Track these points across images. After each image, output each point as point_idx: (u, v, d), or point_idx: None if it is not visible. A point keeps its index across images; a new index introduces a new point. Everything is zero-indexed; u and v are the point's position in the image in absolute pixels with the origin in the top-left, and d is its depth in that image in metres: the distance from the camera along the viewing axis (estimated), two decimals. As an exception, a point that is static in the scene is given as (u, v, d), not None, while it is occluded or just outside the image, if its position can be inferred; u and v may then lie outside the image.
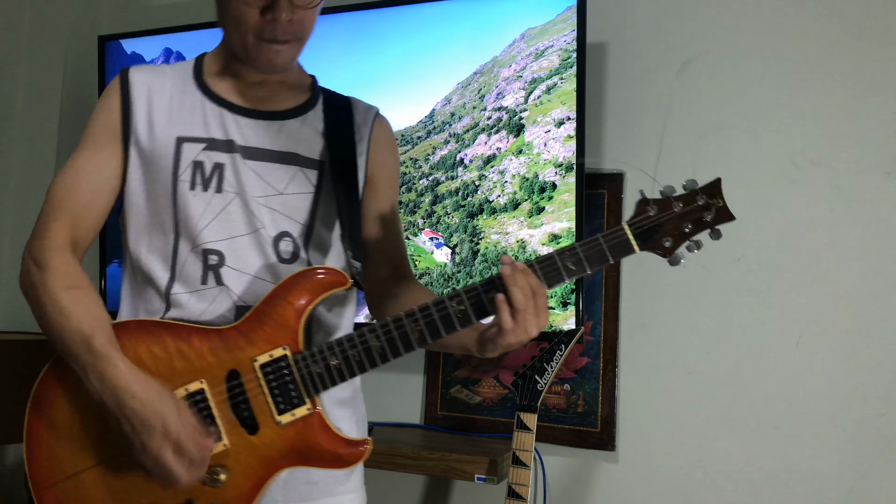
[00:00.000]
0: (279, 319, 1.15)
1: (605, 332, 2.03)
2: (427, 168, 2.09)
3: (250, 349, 1.14)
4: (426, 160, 2.10)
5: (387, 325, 1.14)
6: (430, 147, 2.10)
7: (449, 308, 1.13)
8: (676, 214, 1.13)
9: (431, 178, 2.08)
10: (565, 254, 1.12)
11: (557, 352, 1.76)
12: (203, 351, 1.15)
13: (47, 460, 1.14)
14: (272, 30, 1.17)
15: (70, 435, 1.15)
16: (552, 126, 1.96)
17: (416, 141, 2.11)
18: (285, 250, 1.25)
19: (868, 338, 1.83)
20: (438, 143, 2.09)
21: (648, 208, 1.13)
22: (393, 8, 2.13)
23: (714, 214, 1.13)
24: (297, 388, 1.13)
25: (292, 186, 1.26)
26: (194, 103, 1.27)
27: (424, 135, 2.10)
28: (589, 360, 2.04)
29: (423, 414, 2.22)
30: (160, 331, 1.16)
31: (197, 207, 1.21)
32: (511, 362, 2.10)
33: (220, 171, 1.23)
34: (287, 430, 1.13)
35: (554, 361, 1.77)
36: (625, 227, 1.13)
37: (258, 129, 1.27)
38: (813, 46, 1.92)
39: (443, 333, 1.13)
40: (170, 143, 1.23)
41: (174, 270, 1.21)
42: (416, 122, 2.11)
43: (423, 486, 2.23)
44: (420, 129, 2.10)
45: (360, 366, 1.14)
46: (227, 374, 1.14)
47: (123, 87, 1.26)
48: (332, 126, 1.32)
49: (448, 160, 2.07)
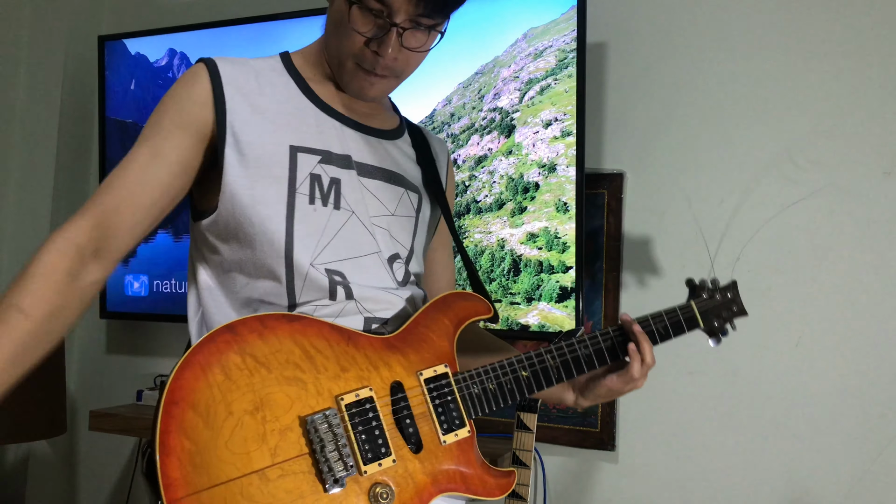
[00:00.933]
0: (434, 338, 1.12)
1: (605, 332, 2.03)
2: None
3: (411, 363, 1.09)
4: None
5: (531, 357, 1.16)
6: None
7: (589, 347, 1.21)
8: (720, 303, 1.35)
9: None
10: (658, 318, 1.28)
11: (557, 352, 1.76)
12: (369, 355, 1.07)
13: (187, 466, 0.93)
14: (373, 62, 1.09)
15: (216, 438, 0.95)
16: (540, 127, 1.97)
17: (416, 141, 2.11)
18: (398, 273, 1.20)
19: (868, 338, 1.83)
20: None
21: (704, 293, 1.34)
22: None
23: (737, 308, 1.35)
24: (457, 409, 1.09)
25: (400, 208, 1.21)
26: (303, 108, 1.15)
27: (423, 135, 2.10)
28: (589, 360, 2.04)
29: (423, 414, 2.21)
30: (321, 326, 1.05)
31: (317, 223, 1.11)
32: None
33: (338, 187, 1.14)
34: (451, 451, 1.08)
35: (554, 361, 1.76)
36: (692, 305, 1.33)
37: (369, 145, 1.20)
38: (813, 46, 1.92)
39: (579, 371, 1.19)
40: (283, 150, 1.11)
41: (291, 289, 1.09)
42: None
43: (422, 486, 2.23)
44: (419, 130, 2.10)
45: (511, 394, 1.15)
46: (391, 386, 1.06)
47: (214, 77, 1.10)
48: (422, 154, 1.29)
49: None
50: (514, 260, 1.98)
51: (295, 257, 1.09)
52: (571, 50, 1.95)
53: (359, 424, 1.01)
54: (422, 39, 1.10)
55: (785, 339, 1.90)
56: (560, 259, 1.94)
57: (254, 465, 0.95)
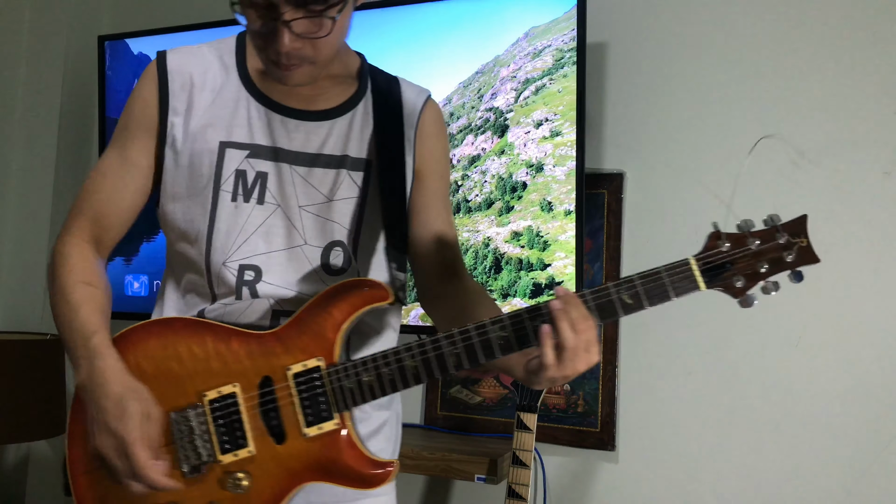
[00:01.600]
0: (317, 329, 1.12)
1: (605, 331, 2.03)
2: None
3: (286, 357, 1.12)
4: None
5: (424, 345, 1.09)
6: None
7: (490, 333, 1.07)
8: (752, 252, 1.04)
9: None
10: (622, 286, 1.03)
11: (557, 352, 1.76)
12: (240, 354, 1.12)
13: (87, 446, 1.12)
14: (276, 55, 1.08)
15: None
16: (532, 127, 1.98)
17: (414, 141, 2.11)
18: (336, 261, 1.20)
19: (868, 338, 1.83)
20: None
21: (720, 242, 1.03)
22: (394, 8, 2.13)
23: (796, 255, 1.05)
24: (327, 402, 1.10)
25: (340, 191, 1.20)
26: (238, 101, 1.19)
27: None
28: (589, 360, 2.04)
29: (423, 414, 2.21)
30: (203, 330, 1.14)
31: (236, 220, 1.16)
32: (511, 362, 2.10)
33: (263, 181, 1.17)
34: (313, 444, 1.11)
35: (554, 361, 1.76)
36: (691, 260, 1.03)
37: (305, 132, 1.19)
38: (813, 46, 1.92)
39: (481, 360, 1.07)
40: (212, 147, 1.17)
41: (210, 284, 1.18)
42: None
43: (423, 486, 2.23)
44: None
45: (392, 385, 1.10)
46: (260, 381, 1.11)
47: (161, 75, 1.18)
48: (381, 119, 1.23)
49: None
50: (496, 258, 2.00)
51: (212, 255, 1.17)
52: (569, 49, 1.95)
53: (220, 418, 1.10)
54: (316, 25, 1.06)
55: (785, 339, 1.90)
56: (539, 256, 1.96)
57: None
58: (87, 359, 1.08)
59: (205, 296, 1.19)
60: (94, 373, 1.07)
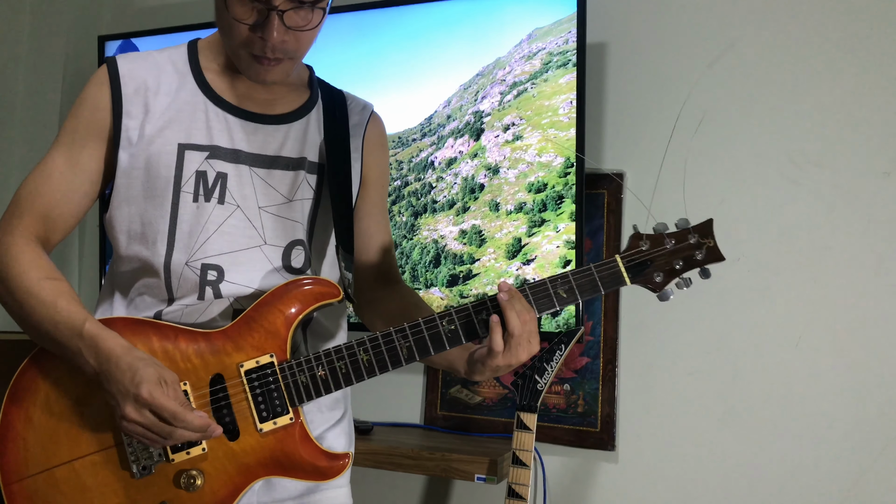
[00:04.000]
0: (268, 326, 1.13)
1: (605, 332, 2.03)
2: (406, 170, 2.11)
3: (237, 354, 1.12)
4: (410, 162, 2.11)
5: (376, 339, 1.13)
6: (416, 150, 2.11)
7: (439, 326, 1.13)
8: (668, 251, 1.16)
9: (403, 180, 2.12)
10: (557, 281, 1.13)
11: (557, 352, 1.77)
12: (189, 353, 1.12)
13: (20, 454, 1.11)
14: (262, 47, 1.10)
15: (46, 430, 1.12)
16: (500, 131, 2.02)
17: (410, 143, 2.12)
18: (297, 260, 1.22)
19: (868, 338, 1.83)
20: (425, 145, 2.10)
21: (641, 243, 1.16)
22: (394, 8, 2.12)
23: (705, 254, 1.17)
24: (280, 397, 1.12)
25: (299, 192, 1.22)
26: (196, 104, 1.19)
27: (420, 137, 2.10)
28: (589, 360, 2.04)
29: (423, 414, 2.22)
30: (146, 329, 1.13)
31: (198, 220, 1.17)
32: (511, 362, 2.10)
33: (223, 182, 1.18)
34: (267, 439, 1.12)
35: (554, 361, 1.77)
36: (617, 259, 1.16)
37: (264, 135, 1.21)
38: (813, 46, 1.92)
39: (431, 352, 1.13)
40: (171, 149, 1.17)
41: (169, 285, 1.17)
42: (416, 123, 2.11)
43: (423, 486, 2.23)
44: (417, 132, 2.10)
45: (346, 378, 1.13)
46: (211, 378, 1.12)
47: (113, 80, 1.18)
48: (330, 127, 1.27)
49: (423, 163, 2.10)
50: (437, 252, 2.07)
51: (174, 256, 1.16)
52: (559, 52, 1.95)
53: None
54: (306, 17, 1.10)
55: (785, 339, 1.90)
56: (471, 252, 2.02)
57: (62, 456, 1.11)
58: (90, 347, 1.07)
59: (160, 298, 1.18)
60: (100, 357, 1.06)
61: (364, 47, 2.16)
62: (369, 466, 1.95)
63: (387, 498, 2.24)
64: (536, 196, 1.97)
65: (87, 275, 2.68)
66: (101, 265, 2.50)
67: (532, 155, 1.98)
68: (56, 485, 1.11)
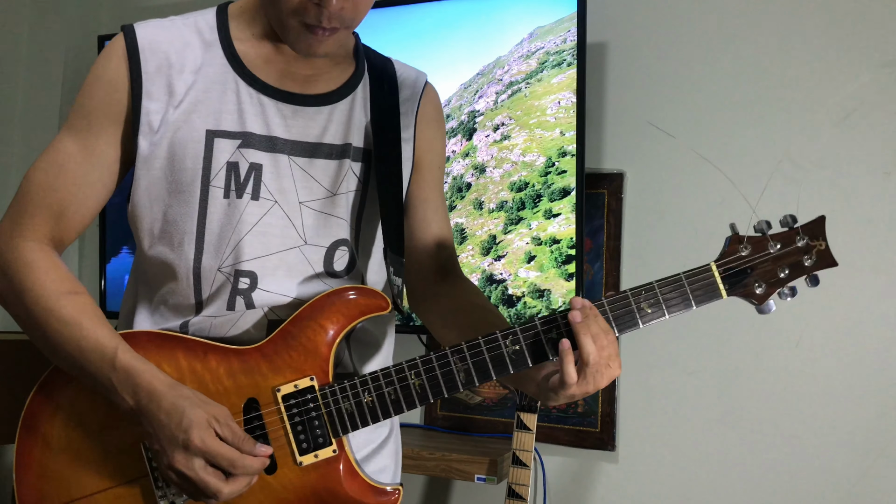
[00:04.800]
0: (308, 344, 1.00)
1: (605, 332, 2.03)
2: None
3: (273, 376, 0.99)
4: None
5: (429, 360, 0.99)
6: None
7: (502, 347, 0.97)
8: (773, 256, 0.99)
9: None
10: (641, 294, 0.97)
11: (557, 352, 1.76)
12: (220, 373, 1.00)
13: (40, 483, 1.01)
14: (317, 15, 0.95)
15: (67, 458, 1.01)
16: (490, 131, 2.02)
17: (407, 142, 2.13)
18: (340, 262, 1.08)
19: (868, 338, 1.83)
20: None
21: (741, 247, 0.98)
22: (395, 7, 2.12)
23: (815, 259, 1.00)
24: (322, 426, 0.99)
25: (344, 185, 1.07)
26: (226, 83, 1.03)
27: (417, 136, 2.10)
28: (589, 360, 2.04)
29: (423, 414, 2.22)
30: (173, 346, 1.01)
31: (230, 219, 1.02)
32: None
33: (258, 174, 1.03)
34: (308, 474, 0.99)
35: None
36: (712, 267, 0.98)
37: (304, 118, 1.06)
38: (813, 46, 1.92)
39: (493, 376, 0.97)
40: (198, 137, 1.02)
41: (198, 292, 1.04)
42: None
43: (423, 486, 2.23)
44: (415, 131, 2.10)
45: (395, 406, 0.99)
46: (244, 403, 0.99)
47: (132, 55, 1.02)
48: (379, 104, 1.11)
49: None
50: None
51: (203, 260, 1.03)
52: (555, 52, 1.95)
53: None
54: None
55: (785, 339, 1.90)
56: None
57: (91, 487, 1.00)
58: (124, 382, 0.95)
59: (186, 308, 1.05)
60: (139, 395, 0.95)
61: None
62: (369, 466, 1.95)
63: (387, 498, 2.24)
64: (517, 195, 1.98)
65: (88, 275, 2.68)
66: (102, 265, 2.50)
67: (517, 154, 1.99)
68: None
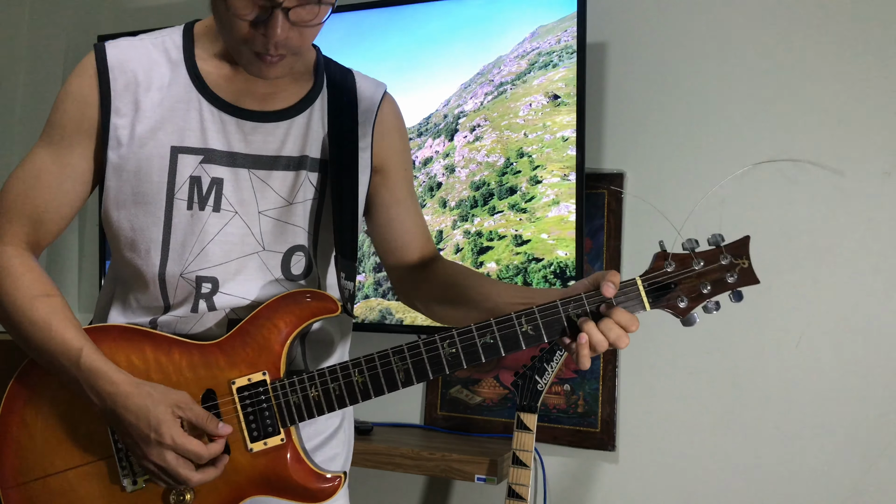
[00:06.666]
0: (262, 342, 1.09)
1: (605, 332, 2.03)
2: None
3: (230, 370, 1.09)
4: None
5: (372, 360, 1.08)
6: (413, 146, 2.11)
7: (440, 349, 1.08)
8: (696, 273, 1.04)
9: None
10: (570, 304, 1.05)
11: (557, 352, 1.76)
12: (182, 365, 1.09)
13: (17, 459, 1.10)
14: (264, 44, 1.02)
15: (42, 437, 1.11)
16: (468, 132, 2.03)
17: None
18: (297, 266, 1.17)
19: (868, 338, 1.83)
20: (416, 145, 2.10)
21: (666, 263, 1.04)
22: (395, 7, 2.12)
23: (738, 276, 1.04)
24: (272, 417, 1.08)
25: (300, 194, 1.15)
26: (189, 101, 1.11)
27: (416, 136, 2.10)
28: (589, 360, 2.04)
29: (423, 414, 2.22)
30: (141, 339, 1.10)
31: (193, 229, 1.11)
32: (511, 362, 2.10)
33: (219, 188, 1.11)
34: (258, 459, 1.09)
35: (554, 361, 1.77)
36: (637, 281, 1.05)
37: (262, 133, 1.14)
38: (813, 46, 1.92)
39: (430, 375, 1.09)
40: (163, 153, 1.10)
41: (165, 295, 1.13)
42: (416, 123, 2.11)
43: (423, 486, 2.23)
44: (413, 132, 2.10)
45: (339, 400, 1.08)
46: (203, 394, 1.09)
47: (101, 73, 1.10)
48: (335, 118, 1.18)
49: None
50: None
51: (168, 267, 1.12)
52: (547, 52, 1.95)
53: None
54: (313, 12, 1.02)
55: (785, 339, 1.90)
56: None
57: (57, 465, 1.10)
58: (89, 384, 1.04)
59: (155, 308, 1.14)
60: (103, 397, 1.04)
61: (364, 46, 2.16)
62: (369, 467, 1.95)
63: (387, 498, 2.24)
64: (476, 193, 2.01)
65: (88, 274, 2.68)
66: (101, 265, 2.50)
67: (482, 155, 2.02)
68: (50, 493, 1.09)
